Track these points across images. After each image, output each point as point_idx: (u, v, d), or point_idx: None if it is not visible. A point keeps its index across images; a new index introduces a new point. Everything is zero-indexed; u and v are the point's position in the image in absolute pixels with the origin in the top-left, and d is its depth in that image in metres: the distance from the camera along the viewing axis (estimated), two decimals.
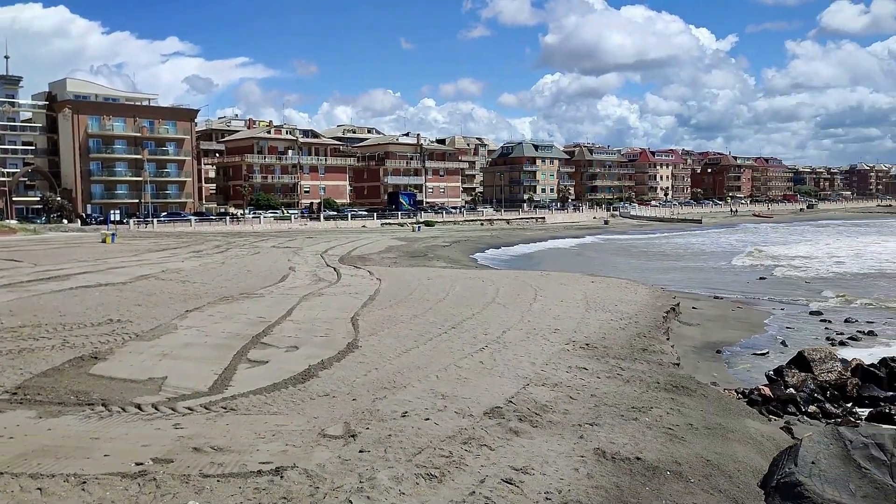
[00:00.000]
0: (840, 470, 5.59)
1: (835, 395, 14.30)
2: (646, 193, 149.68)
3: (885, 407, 13.34)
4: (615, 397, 11.15)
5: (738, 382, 15.24)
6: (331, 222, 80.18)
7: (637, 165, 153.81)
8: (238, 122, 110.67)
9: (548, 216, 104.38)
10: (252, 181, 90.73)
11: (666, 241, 71.74)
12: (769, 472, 6.10)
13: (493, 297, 22.27)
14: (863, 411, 13.50)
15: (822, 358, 15.68)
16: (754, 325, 22.44)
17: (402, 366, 12.71)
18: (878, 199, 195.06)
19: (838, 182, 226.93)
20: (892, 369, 15.33)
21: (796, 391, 14.14)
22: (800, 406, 13.44)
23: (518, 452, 8.43)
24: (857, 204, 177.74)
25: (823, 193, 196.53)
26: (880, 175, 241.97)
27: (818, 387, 14.50)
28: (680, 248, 62.01)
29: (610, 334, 16.73)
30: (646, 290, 26.19)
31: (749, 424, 10.78)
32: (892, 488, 5.33)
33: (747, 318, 23.64)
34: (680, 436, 9.46)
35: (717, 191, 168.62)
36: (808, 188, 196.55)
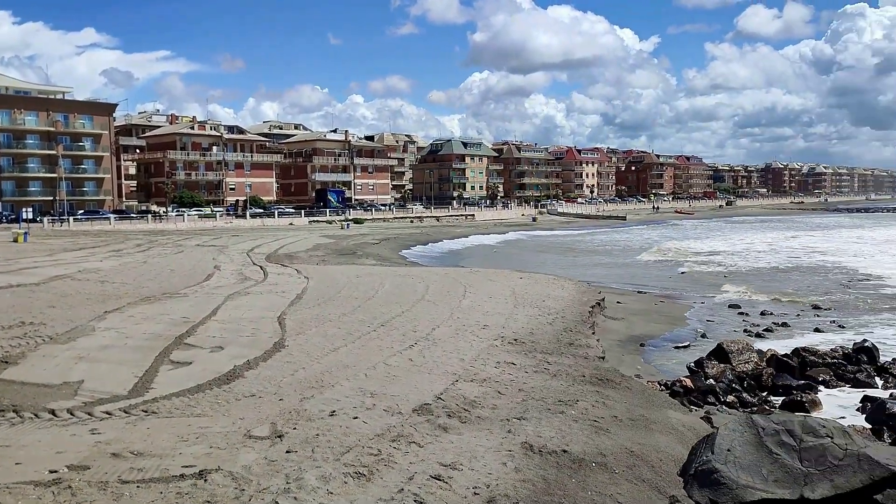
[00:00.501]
0: (753, 456, 5.81)
1: (751, 385, 14.87)
2: (572, 191, 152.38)
3: (796, 395, 13.97)
4: (542, 391, 11.31)
5: (661, 374, 15.69)
6: (257, 220, 78.76)
7: (564, 163, 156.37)
8: (160, 117, 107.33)
9: (477, 213, 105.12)
10: (175, 178, 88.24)
11: (591, 237, 73.23)
12: (688, 460, 6.29)
13: (422, 295, 22.28)
14: (777, 399, 14.09)
15: (740, 349, 16.30)
16: (676, 319, 23.13)
17: (330, 365, 12.58)
18: (791, 197, 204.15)
19: (755, 180, 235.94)
20: (803, 359, 16.05)
21: (716, 382, 14.64)
22: (719, 396, 13.92)
23: (447, 448, 8.44)
24: (772, 201, 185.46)
25: (741, 191, 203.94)
26: (793, 173, 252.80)
27: (736, 377, 15.06)
28: (606, 244, 63.37)
29: (538, 329, 16.96)
30: (572, 285, 26.66)
31: (671, 415, 11.09)
32: (801, 471, 5.58)
33: (669, 312, 24.35)
34: (605, 428, 9.65)
35: (640, 188, 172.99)
36: (727, 186, 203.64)
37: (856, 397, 14.14)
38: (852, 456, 5.63)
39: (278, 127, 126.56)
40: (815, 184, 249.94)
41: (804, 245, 56.55)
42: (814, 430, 5.88)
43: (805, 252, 50.00)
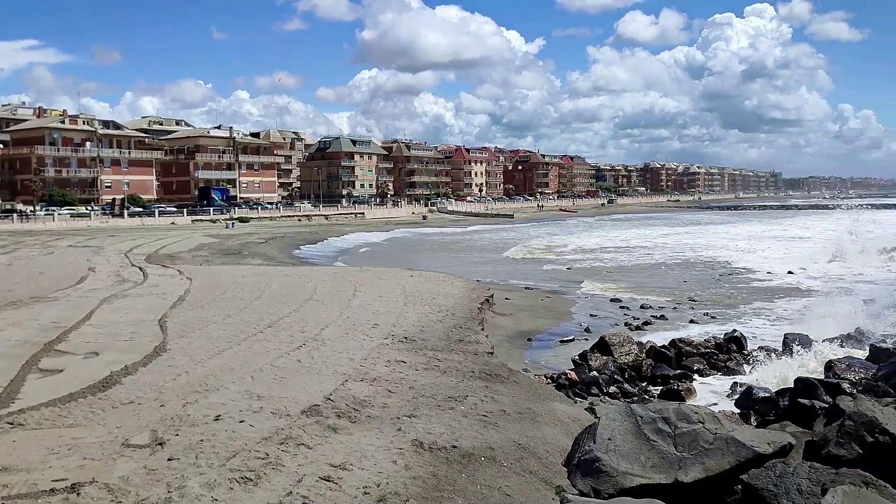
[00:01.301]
0: (632, 444, 6.05)
1: (632, 376, 15.51)
2: (462, 189, 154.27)
3: (674, 384, 14.68)
4: (432, 388, 11.37)
5: (548, 368, 16.10)
6: (136, 219, 75.35)
7: (453, 162, 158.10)
8: (26, 110, 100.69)
9: (367, 212, 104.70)
10: (44, 175, 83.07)
11: (481, 235, 74.37)
12: (572, 450, 6.49)
13: (311, 294, 21.95)
14: (656, 389, 14.76)
15: (621, 342, 16.95)
16: (562, 314, 23.82)
17: (214, 368, 12.18)
18: (668, 195, 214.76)
19: (634, 179, 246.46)
20: (679, 350, 16.88)
21: (599, 374, 15.18)
22: (602, 387, 14.44)
23: (337, 449, 8.34)
24: (650, 199, 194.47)
25: (622, 189, 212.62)
26: (670, 173, 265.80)
27: (618, 369, 15.66)
28: (495, 241, 64.50)
29: (428, 327, 17.04)
30: (462, 282, 26.97)
31: (557, 407, 11.40)
32: (675, 456, 5.85)
33: (555, 307, 25.05)
34: (494, 422, 9.81)
35: (527, 187, 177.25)
36: (609, 184, 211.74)
37: (727, 384, 14.99)
38: (721, 440, 5.97)
39: (158, 123, 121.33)
40: (690, 183, 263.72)
41: (680, 241, 59.56)
42: (687, 417, 6.19)
43: (681, 247, 52.65)
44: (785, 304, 25.48)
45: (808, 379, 12.50)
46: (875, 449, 6.35)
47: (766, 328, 20.92)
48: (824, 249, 45.65)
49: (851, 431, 6.48)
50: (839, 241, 50.20)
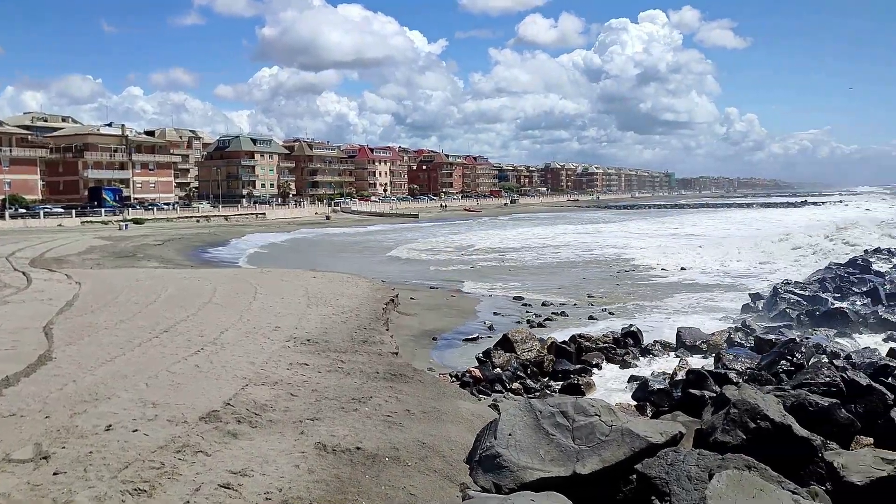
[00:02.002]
0: (532, 438, 6.16)
1: (534, 372, 15.84)
2: (366, 189, 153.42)
3: (574, 378, 15.09)
4: (336, 390, 11.24)
5: (452, 367, 16.24)
6: (19, 221, 71.15)
7: (357, 162, 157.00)
8: None
9: (269, 212, 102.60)
10: None
11: (385, 235, 74.18)
12: (474, 447, 6.55)
13: (210, 297, 21.30)
14: (557, 384, 15.13)
15: (524, 339, 17.28)
16: (466, 312, 24.07)
17: (105, 376, 11.63)
18: (568, 195, 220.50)
19: (536, 179, 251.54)
20: (579, 345, 17.35)
21: (502, 371, 15.43)
22: (505, 384, 14.68)
23: (237, 455, 8.12)
24: (551, 199, 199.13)
25: (524, 189, 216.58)
26: (569, 173, 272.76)
27: (521, 365, 15.95)
28: (399, 241, 64.44)
29: (331, 328, 16.85)
30: (366, 283, 26.82)
31: (461, 405, 11.49)
32: (573, 449, 6.00)
33: (460, 306, 25.29)
34: (398, 422, 9.79)
35: (431, 187, 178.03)
36: (512, 184, 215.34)
37: (624, 377, 15.53)
38: (617, 431, 6.16)
39: (43, 119, 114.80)
40: (589, 183, 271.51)
41: (580, 239, 61.19)
42: (584, 410, 6.35)
43: (581, 246, 54.11)
44: (679, 299, 26.59)
45: (699, 370, 13.12)
46: (757, 434, 6.71)
47: (662, 322, 21.76)
48: (715, 246, 47.99)
49: (736, 419, 6.83)
50: (729, 237, 52.86)
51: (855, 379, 8.95)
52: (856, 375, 9.24)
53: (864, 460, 6.15)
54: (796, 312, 20.57)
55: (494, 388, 14.38)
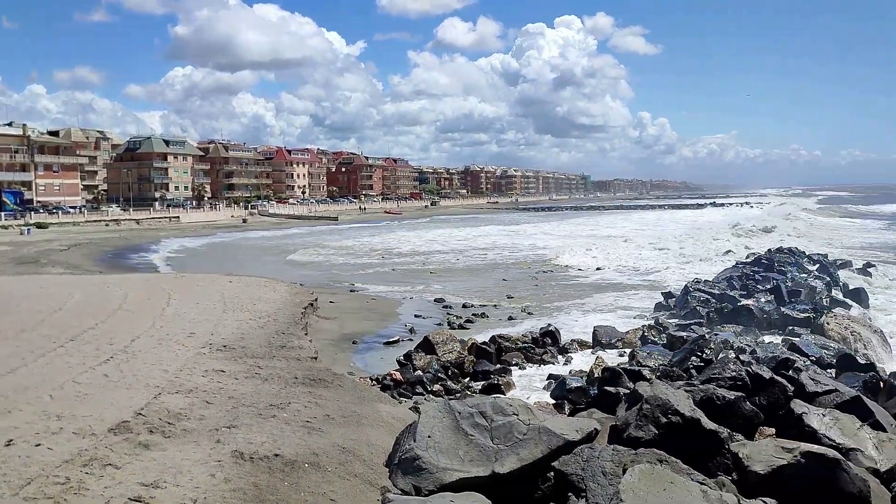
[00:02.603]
0: (451, 439, 6.19)
1: (455, 373, 15.92)
2: (284, 191, 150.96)
3: (494, 378, 15.25)
4: (254, 397, 11.01)
5: (373, 370, 16.16)
6: None
7: (274, 164, 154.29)
8: None
9: (183, 215, 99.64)
10: None
11: (304, 238, 73.17)
12: (393, 450, 6.54)
13: (120, 304, 20.52)
14: (478, 384, 15.25)
15: (445, 340, 17.35)
16: (387, 315, 23.98)
17: (5, 388, 11.04)
18: (487, 197, 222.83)
19: (456, 181, 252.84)
20: (499, 345, 17.55)
21: (423, 373, 15.45)
22: (426, 386, 14.71)
23: (149, 467, 7.85)
24: (471, 201, 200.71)
25: (444, 192, 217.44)
26: (489, 175, 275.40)
27: (442, 367, 16.01)
28: (319, 244, 63.67)
29: (249, 334, 16.51)
30: (285, 287, 26.39)
31: (382, 408, 11.45)
32: (492, 448, 6.06)
33: (381, 309, 25.18)
34: (318, 427, 9.67)
35: (351, 189, 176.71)
36: (432, 187, 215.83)
37: (543, 375, 15.79)
38: (534, 430, 6.25)
39: None
40: (508, 185, 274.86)
41: (500, 241, 61.88)
42: (502, 410, 6.42)
43: (501, 247, 54.73)
44: (595, 298, 27.24)
45: (614, 368, 13.47)
46: (669, 429, 6.94)
47: (579, 321, 22.25)
48: (630, 246, 49.38)
49: (648, 414, 7.04)
50: (643, 238, 54.48)
51: (759, 373, 9.36)
52: (759, 369, 9.67)
53: (766, 450, 6.44)
54: (706, 310, 21.35)
55: (415, 391, 14.39)
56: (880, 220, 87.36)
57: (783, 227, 68.36)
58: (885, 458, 7.12)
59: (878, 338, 17.22)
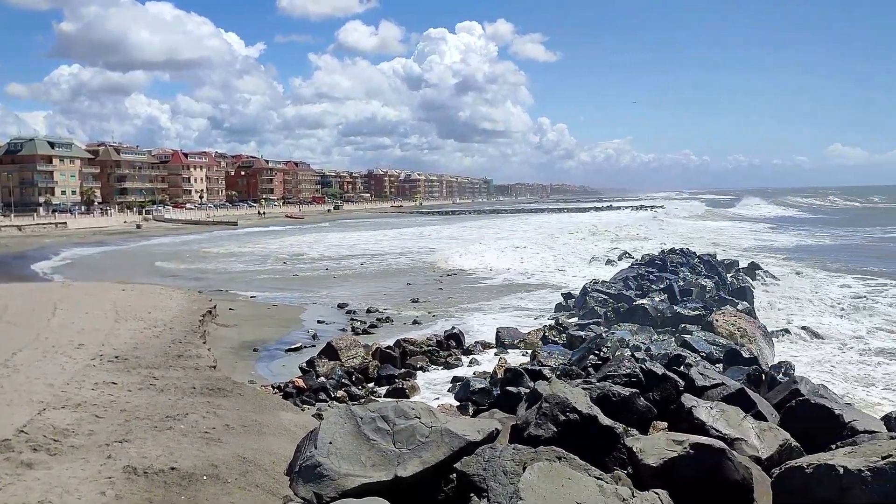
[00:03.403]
0: (353, 445, 6.14)
1: (359, 378, 15.82)
2: (180, 196, 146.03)
3: (398, 382, 15.25)
4: (148, 409, 10.59)
5: (275, 378, 15.84)
6: None
7: (170, 167, 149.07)
8: None
9: (70, 221, 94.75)
10: None
11: (202, 244, 70.94)
12: (294, 458, 6.43)
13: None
14: (382, 389, 15.20)
15: (348, 346, 17.22)
16: (289, 321, 23.56)
17: None
18: (391, 201, 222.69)
19: (359, 185, 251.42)
20: (404, 349, 17.55)
21: (327, 379, 15.27)
22: (330, 392, 14.54)
23: (32, 487, 7.43)
24: (375, 205, 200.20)
25: (348, 195, 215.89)
26: (392, 179, 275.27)
27: (345, 372, 15.88)
28: (219, 250, 61.93)
29: (143, 343, 15.86)
30: (181, 294, 25.53)
31: (284, 416, 11.23)
32: (395, 452, 6.05)
33: (282, 315, 24.72)
34: (216, 438, 9.39)
35: (251, 193, 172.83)
36: (335, 190, 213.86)
37: (448, 378, 15.89)
38: (436, 432, 6.29)
39: None
40: (412, 189, 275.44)
41: (405, 245, 61.88)
42: (404, 413, 6.42)
43: (406, 251, 54.73)
44: (499, 300, 27.65)
45: (516, 368, 13.72)
46: (567, 426, 7.12)
47: (483, 323, 22.51)
48: (532, 249, 50.38)
49: (548, 412, 7.20)
50: (544, 240, 55.67)
51: (652, 369, 9.74)
52: (653, 366, 10.06)
53: (658, 443, 6.71)
54: (604, 310, 22.03)
55: (319, 398, 14.22)
56: (764, 223, 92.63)
57: (673, 229, 71.42)
58: (765, 446, 7.55)
59: (761, 333, 18.21)
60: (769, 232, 71.66)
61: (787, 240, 60.31)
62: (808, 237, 63.89)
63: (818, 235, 66.00)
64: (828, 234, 67.00)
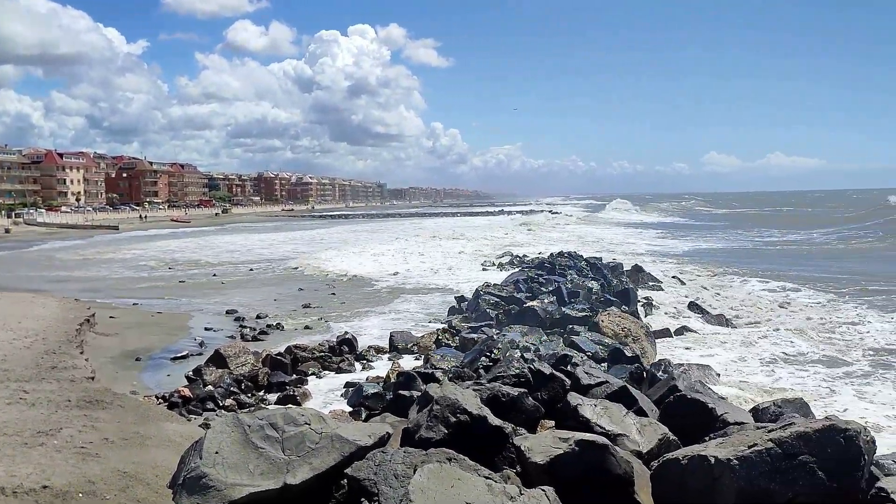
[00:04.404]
0: (240, 454, 6.01)
1: (249, 386, 15.46)
2: (55, 199, 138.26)
3: (290, 389, 15.04)
4: (17, 424, 9.97)
5: (160, 388, 15.25)
6: None
7: (43, 168, 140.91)
8: None
9: None
10: None
11: (76, 251, 67.30)
12: (178, 470, 6.22)
13: None
14: (273, 396, 14.94)
15: (237, 353, 16.81)
16: (176, 329, 22.73)
17: None
18: (282, 204, 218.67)
19: (249, 188, 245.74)
20: (295, 355, 17.30)
21: (214, 388, 14.84)
22: (217, 401, 14.14)
23: None
24: (265, 208, 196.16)
25: (236, 199, 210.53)
26: (283, 182, 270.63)
27: (234, 380, 15.48)
28: (98, 255, 58.94)
29: (12, 355, 14.92)
30: (56, 302, 24.17)
31: (169, 427, 10.84)
32: (284, 460, 5.97)
33: (168, 323, 23.82)
34: (94, 453, 8.97)
35: (133, 196, 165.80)
36: (223, 193, 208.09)
37: (341, 384, 15.77)
38: (327, 438, 6.24)
39: None
40: (303, 193, 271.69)
41: (297, 249, 60.84)
42: (294, 420, 6.34)
43: (298, 255, 53.73)
44: (393, 304, 27.66)
45: (408, 372, 13.78)
46: (458, 427, 7.22)
47: (377, 328, 22.47)
48: (426, 252, 50.72)
49: (438, 414, 7.27)
50: (438, 243, 56.17)
51: (540, 369, 10.00)
52: (541, 366, 10.33)
53: (545, 441, 6.90)
54: (495, 312, 22.41)
55: (206, 407, 13.80)
56: (652, 229, 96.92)
57: (565, 233, 73.67)
58: (646, 441, 7.91)
59: (644, 332, 19.02)
60: (664, 238, 74.84)
61: (678, 244, 63.12)
62: (700, 241, 67.15)
63: (709, 239, 69.63)
64: (714, 238, 70.85)
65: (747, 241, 67.01)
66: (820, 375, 16.14)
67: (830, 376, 16.03)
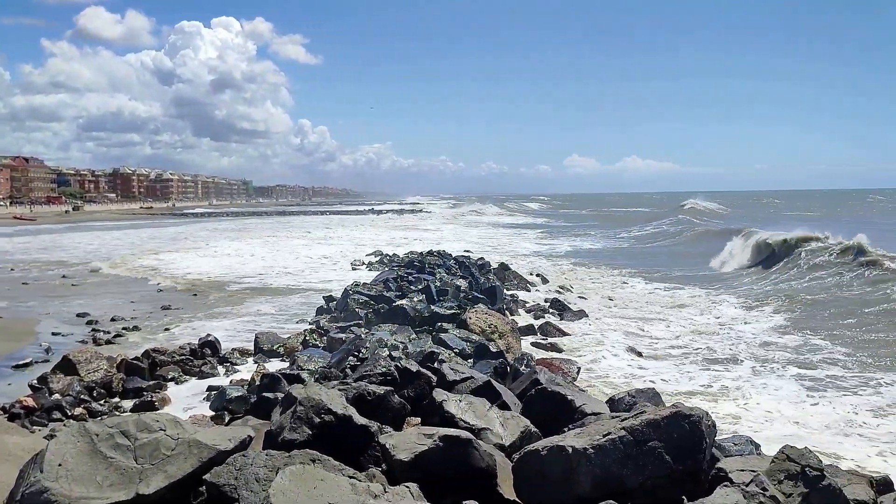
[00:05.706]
0: (88, 465, 5.68)
1: (102, 393, 14.63)
2: None
3: (147, 395, 14.35)
4: None
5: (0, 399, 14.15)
6: None
7: None
8: None
9: None
10: None
11: None
12: (15, 486, 5.79)
13: None
14: (129, 403, 14.21)
15: (88, 359, 15.83)
16: (20, 335, 21.15)
17: None
18: (141, 202, 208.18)
19: (103, 185, 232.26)
20: (153, 359, 16.52)
21: (62, 396, 13.94)
22: (66, 410, 13.29)
23: None
24: (122, 206, 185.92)
25: (90, 195, 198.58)
26: (142, 179, 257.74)
27: (85, 388, 14.60)
28: None
29: None
30: None
31: (9, 440, 10.11)
32: (136, 469, 5.71)
33: (10, 328, 22.15)
34: None
35: None
36: (75, 190, 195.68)
37: (203, 388, 15.21)
38: (184, 443, 6.01)
39: None
40: (164, 190, 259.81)
41: (160, 246, 58.03)
42: (147, 426, 6.06)
43: (157, 251, 51.25)
44: (258, 305, 26.96)
45: (273, 373, 13.48)
46: (323, 428, 7.15)
47: (241, 329, 21.85)
48: (294, 251, 49.77)
49: (302, 415, 7.17)
50: (307, 242, 55.30)
51: (407, 367, 10.07)
52: (408, 363, 10.40)
53: (410, 438, 6.96)
54: (364, 311, 22.32)
55: (53, 417, 12.92)
56: (518, 229, 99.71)
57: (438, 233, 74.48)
58: (508, 434, 8.14)
59: (509, 328, 19.54)
60: (539, 241, 76.95)
61: (558, 243, 65.09)
62: (576, 241, 69.46)
63: (588, 238, 72.21)
64: (590, 238, 73.57)
65: (603, 240, 70.31)
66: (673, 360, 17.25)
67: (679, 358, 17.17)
